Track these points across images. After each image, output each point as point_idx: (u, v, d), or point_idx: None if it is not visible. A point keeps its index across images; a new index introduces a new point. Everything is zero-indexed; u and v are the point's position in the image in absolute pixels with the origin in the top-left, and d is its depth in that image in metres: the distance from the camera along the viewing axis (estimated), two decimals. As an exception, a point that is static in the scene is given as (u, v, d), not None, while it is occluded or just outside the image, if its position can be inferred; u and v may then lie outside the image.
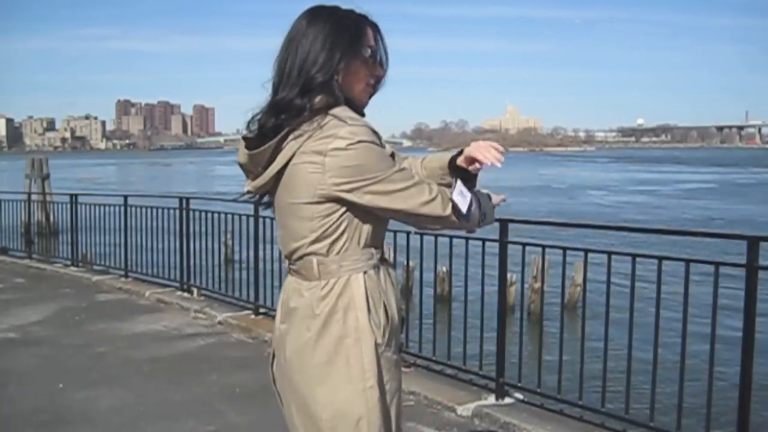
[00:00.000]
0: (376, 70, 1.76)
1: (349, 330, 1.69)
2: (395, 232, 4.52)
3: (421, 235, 4.29)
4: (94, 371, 4.72)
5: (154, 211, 7.65)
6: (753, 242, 3.11)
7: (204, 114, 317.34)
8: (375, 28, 1.76)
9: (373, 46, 1.74)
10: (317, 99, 1.67)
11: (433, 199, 1.69)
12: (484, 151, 1.74)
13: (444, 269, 7.28)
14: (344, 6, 1.76)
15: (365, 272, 1.72)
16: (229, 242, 9.22)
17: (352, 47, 1.70)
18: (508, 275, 4.50)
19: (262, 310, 6.10)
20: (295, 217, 1.72)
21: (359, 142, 1.62)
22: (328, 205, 1.67)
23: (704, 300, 3.41)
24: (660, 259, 3.46)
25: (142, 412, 3.94)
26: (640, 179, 52.49)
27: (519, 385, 4.07)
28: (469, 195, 1.73)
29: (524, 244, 4.09)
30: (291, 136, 1.66)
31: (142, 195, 10.67)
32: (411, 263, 5.28)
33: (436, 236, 4.33)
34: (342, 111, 1.67)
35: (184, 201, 7.25)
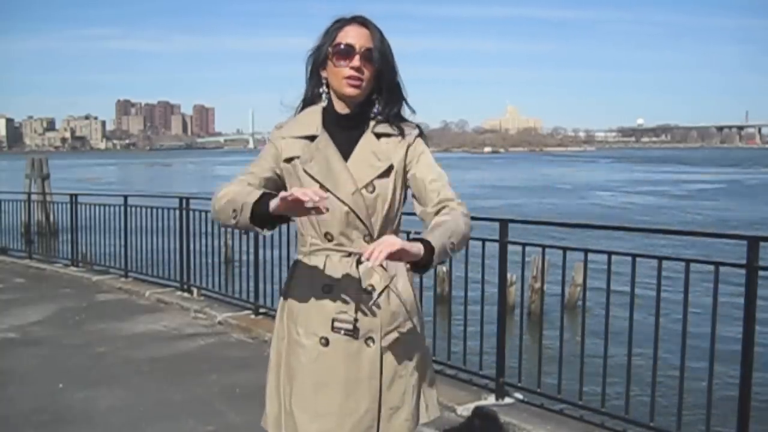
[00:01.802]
0: (347, 62, 1.82)
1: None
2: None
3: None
4: (94, 371, 4.72)
5: (154, 211, 7.64)
6: (753, 242, 3.11)
7: (204, 114, 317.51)
8: (362, 23, 1.85)
9: (345, 42, 1.82)
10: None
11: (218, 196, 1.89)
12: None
13: (444, 269, 7.29)
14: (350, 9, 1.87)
15: (298, 257, 1.94)
16: (229, 242, 9.21)
17: (320, 50, 1.86)
18: (508, 275, 4.49)
19: (262, 310, 6.10)
20: None
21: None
22: None
23: (704, 300, 3.41)
24: (660, 259, 3.45)
25: (142, 412, 3.94)
26: (646, 180, 52.01)
27: (519, 385, 4.06)
28: None
29: (524, 244, 4.09)
30: None
31: (142, 195, 10.64)
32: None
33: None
34: (304, 112, 1.93)
35: (184, 201, 7.25)
